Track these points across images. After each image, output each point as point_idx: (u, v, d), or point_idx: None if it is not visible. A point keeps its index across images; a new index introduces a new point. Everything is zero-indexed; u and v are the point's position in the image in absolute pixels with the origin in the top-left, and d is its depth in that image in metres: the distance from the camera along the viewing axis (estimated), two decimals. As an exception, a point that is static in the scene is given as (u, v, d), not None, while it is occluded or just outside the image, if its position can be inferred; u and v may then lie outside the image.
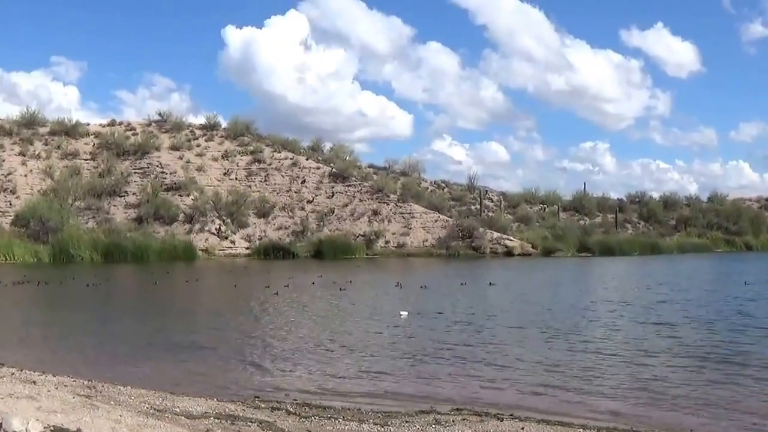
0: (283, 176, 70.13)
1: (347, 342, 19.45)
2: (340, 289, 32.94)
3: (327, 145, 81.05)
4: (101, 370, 15.81)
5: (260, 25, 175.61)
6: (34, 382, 13.63)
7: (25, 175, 66.93)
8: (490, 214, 72.57)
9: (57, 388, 13.15)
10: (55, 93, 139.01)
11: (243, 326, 22.88)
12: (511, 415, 12.11)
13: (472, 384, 14.52)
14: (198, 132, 76.95)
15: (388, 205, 66.96)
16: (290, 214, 65.59)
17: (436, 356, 17.31)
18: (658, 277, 42.55)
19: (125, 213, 63.14)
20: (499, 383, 14.55)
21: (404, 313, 24.28)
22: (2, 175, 66.72)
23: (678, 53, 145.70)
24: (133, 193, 65.40)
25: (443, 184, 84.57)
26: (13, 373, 14.61)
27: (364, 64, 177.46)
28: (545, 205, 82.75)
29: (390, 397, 13.70)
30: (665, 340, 19.35)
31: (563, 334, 20.22)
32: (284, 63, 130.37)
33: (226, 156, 72.45)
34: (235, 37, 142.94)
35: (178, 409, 11.88)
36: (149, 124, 77.74)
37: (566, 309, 26.38)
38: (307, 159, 73.40)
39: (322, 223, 64.87)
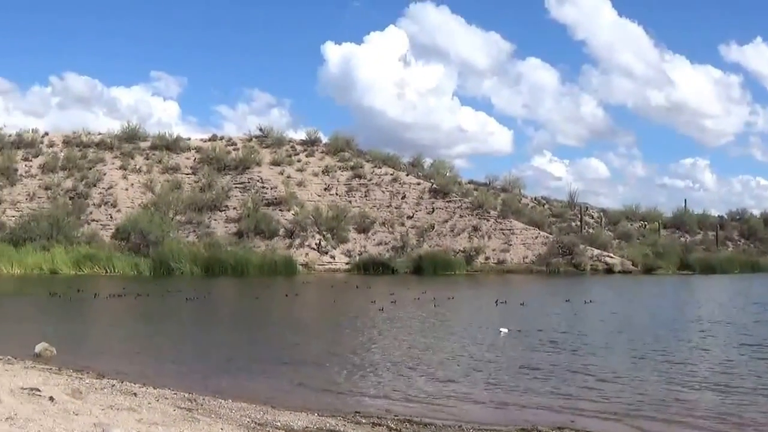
0: (383, 192, 70.06)
1: (448, 358, 19.22)
2: (437, 306, 32.60)
3: (427, 161, 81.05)
4: (201, 383, 15.86)
5: (359, 41, 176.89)
6: (135, 394, 13.74)
7: (126, 189, 68.08)
8: (591, 230, 71.57)
9: (158, 401, 13.25)
10: (156, 108, 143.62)
11: (343, 340, 22.79)
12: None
13: (572, 404, 14.14)
14: (298, 147, 77.33)
15: (488, 221, 66.42)
16: (390, 229, 65.43)
17: (535, 374, 16.96)
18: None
19: (226, 227, 63.76)
20: (598, 404, 14.13)
21: (504, 330, 23.90)
22: (104, 188, 67.87)
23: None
24: (234, 208, 65.96)
25: (543, 201, 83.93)
26: (113, 385, 14.74)
27: (463, 79, 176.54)
28: (645, 222, 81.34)
29: (490, 415, 13.43)
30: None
31: (664, 354, 19.67)
32: (383, 79, 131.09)
33: (326, 171, 72.71)
34: (334, 53, 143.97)
35: (278, 424, 11.81)
36: (250, 140, 78.42)
37: (668, 329, 25.58)
38: (407, 175, 73.26)
39: (422, 238, 64.57)
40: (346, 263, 61.49)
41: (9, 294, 38.41)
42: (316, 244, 61.83)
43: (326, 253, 61.70)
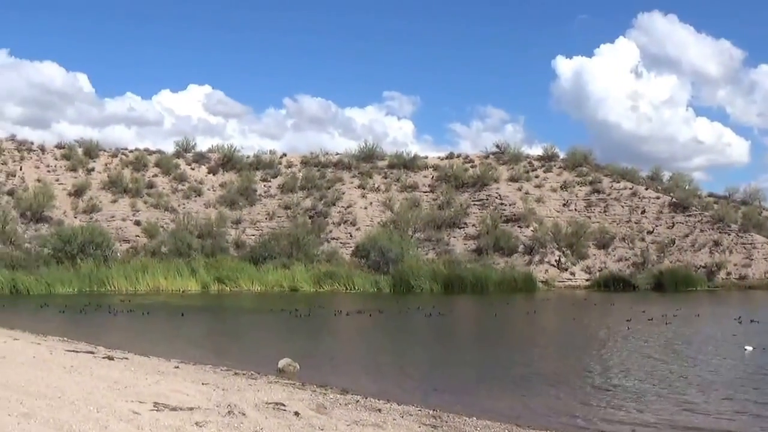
0: (622, 206, 68.23)
1: (693, 376, 18.68)
2: (679, 323, 31.58)
3: (666, 174, 78.58)
4: (444, 400, 15.82)
5: (590, 54, 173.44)
6: (379, 410, 13.94)
7: (365, 208, 69.11)
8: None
9: (402, 417, 13.38)
10: (390, 127, 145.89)
11: (586, 359, 22.31)
12: None
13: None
14: (536, 163, 76.30)
15: (729, 235, 63.48)
16: (630, 245, 63.69)
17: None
18: None
19: (465, 244, 63.68)
20: None
21: (749, 348, 22.91)
22: (343, 207, 69.08)
23: None
24: (473, 225, 65.80)
25: (787, 213, 79.40)
26: (357, 401, 14.98)
27: (696, 89, 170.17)
28: None
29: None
30: None
31: None
32: (616, 91, 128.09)
33: (564, 187, 71.47)
34: (565, 67, 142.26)
35: (524, 444, 11.51)
36: (487, 156, 78.01)
37: None
38: (646, 189, 71.07)
39: (662, 254, 62.52)
40: (586, 280, 60.28)
41: (251, 310, 40.07)
42: (555, 260, 60.95)
43: (566, 269, 60.72)
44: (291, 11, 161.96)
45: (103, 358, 19.99)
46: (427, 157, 79.00)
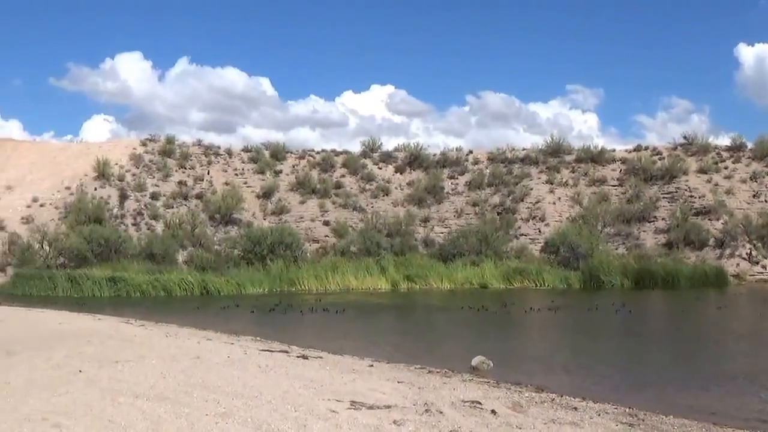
0: (817, 196, 66.12)
1: None
2: None
3: None
4: (639, 397, 15.98)
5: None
6: (576, 408, 14.18)
7: (553, 203, 68.69)
8: None
9: (599, 415, 13.58)
10: (575, 120, 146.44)
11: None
12: None
13: None
14: (724, 154, 74.07)
15: None
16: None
17: None
18: None
19: (654, 238, 62.82)
20: None
21: None
22: (531, 203, 68.81)
23: None
24: (662, 218, 64.83)
25: None
26: (553, 399, 15.28)
27: None
28: None
29: None
30: None
31: None
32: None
33: (754, 177, 69.23)
34: (748, 54, 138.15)
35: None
36: (675, 148, 76.20)
37: None
38: None
39: None
40: (781, 273, 58.65)
41: (441, 308, 39.96)
42: (746, 253, 59.53)
43: (757, 263, 59.16)
44: (467, 9, 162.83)
45: (297, 357, 20.13)
46: (614, 150, 77.74)
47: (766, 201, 65.64)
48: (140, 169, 69.18)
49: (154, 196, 65.56)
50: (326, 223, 66.82)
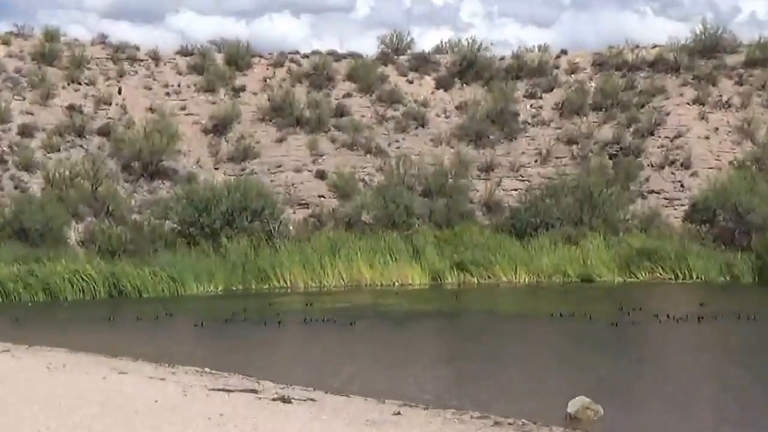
0: None
1: None
2: None
3: None
4: None
5: None
6: None
7: (706, 138, 52.42)
8: None
9: None
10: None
11: None
12: None
13: None
14: None
15: None
16: None
17: None
18: None
19: None
20: None
21: None
22: (667, 137, 53.02)
23: None
24: None
25: None
26: None
27: None
28: None
29: None
30: None
31: None
32: None
33: None
34: None
35: None
36: None
37: None
38: None
39: None
40: None
41: (515, 316, 33.78)
42: None
43: None
44: None
45: (274, 399, 16.23)
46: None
47: None
48: (-1, 85, 53.65)
49: (26, 132, 50.61)
50: (321, 176, 52.40)
